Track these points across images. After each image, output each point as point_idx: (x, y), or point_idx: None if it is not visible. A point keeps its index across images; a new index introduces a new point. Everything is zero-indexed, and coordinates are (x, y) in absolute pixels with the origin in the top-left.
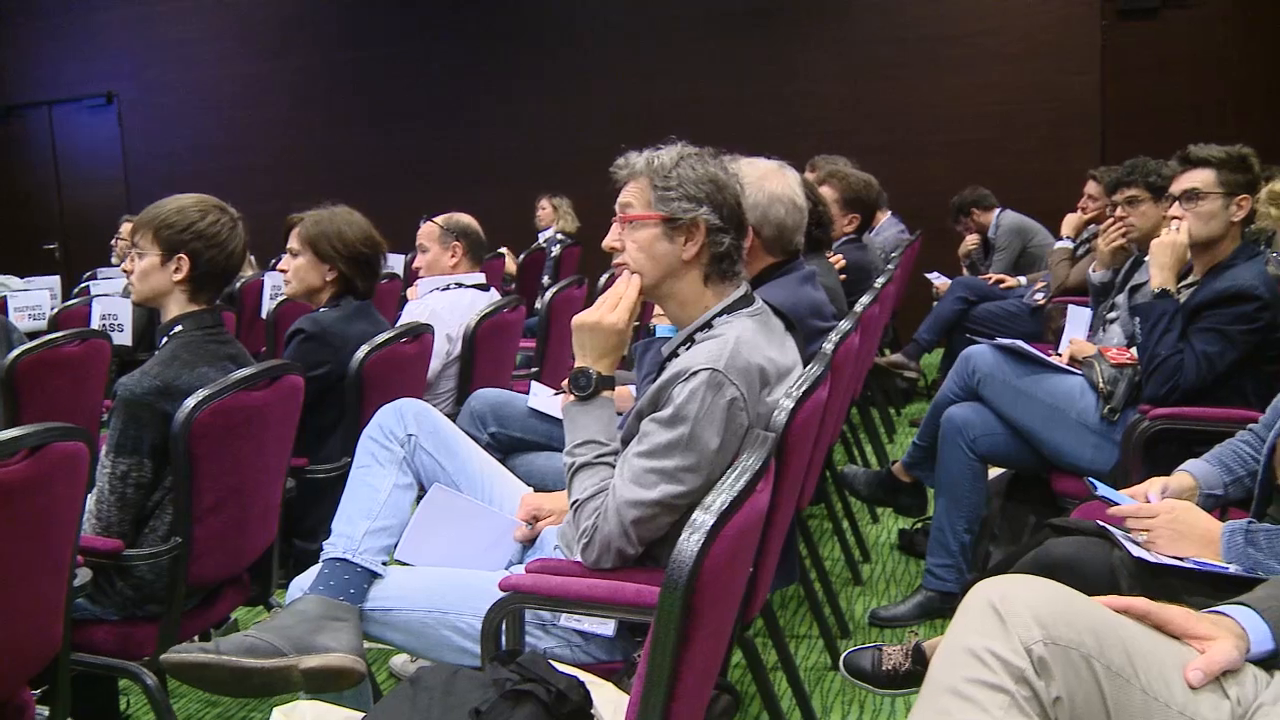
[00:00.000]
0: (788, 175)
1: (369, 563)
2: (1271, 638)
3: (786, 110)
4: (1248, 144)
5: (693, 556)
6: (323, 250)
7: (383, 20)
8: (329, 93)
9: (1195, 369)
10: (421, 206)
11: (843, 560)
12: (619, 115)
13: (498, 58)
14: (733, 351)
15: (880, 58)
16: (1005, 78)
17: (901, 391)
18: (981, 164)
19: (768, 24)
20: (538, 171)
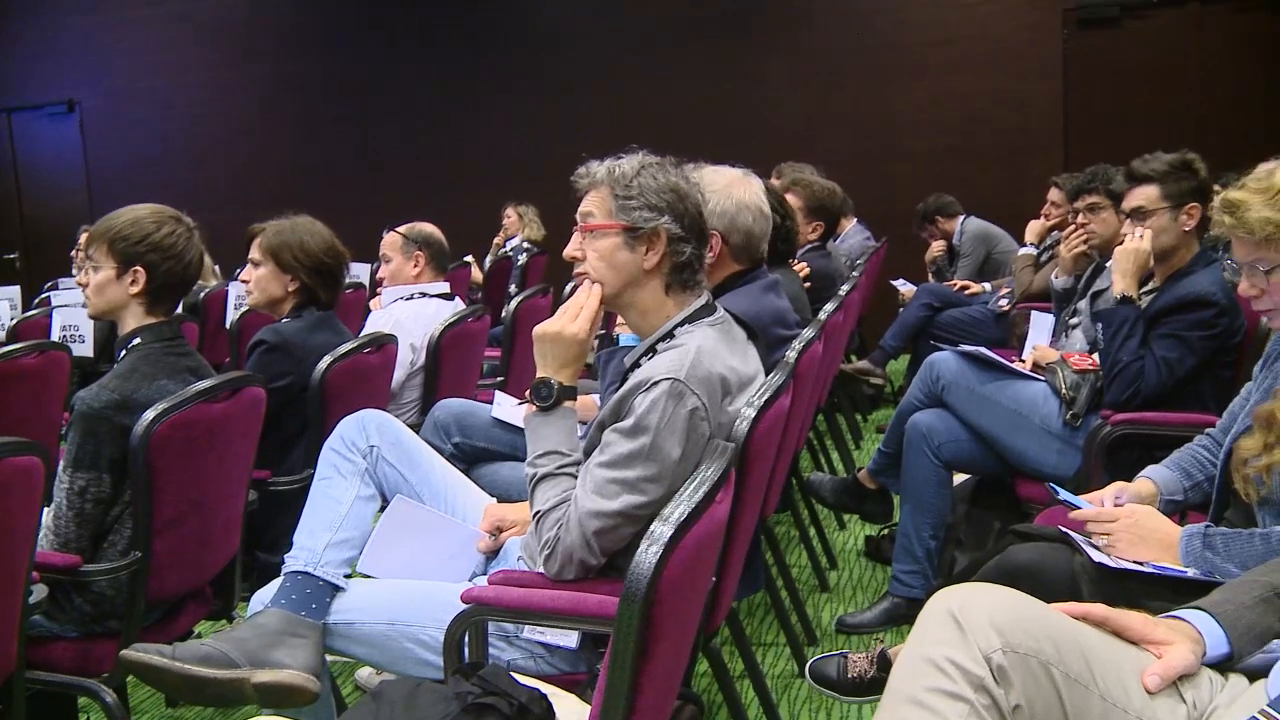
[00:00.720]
0: (753, 183)
1: (331, 576)
2: (1226, 641)
3: (753, 117)
4: (1208, 151)
5: (651, 568)
6: (285, 261)
7: (348, 27)
8: (294, 101)
9: (1156, 375)
10: (388, 215)
11: (810, 568)
12: (587, 123)
13: (465, 65)
14: (694, 361)
15: (845, 66)
16: (969, 86)
17: (868, 398)
18: (946, 171)
19: (734, 32)
20: (506, 179)
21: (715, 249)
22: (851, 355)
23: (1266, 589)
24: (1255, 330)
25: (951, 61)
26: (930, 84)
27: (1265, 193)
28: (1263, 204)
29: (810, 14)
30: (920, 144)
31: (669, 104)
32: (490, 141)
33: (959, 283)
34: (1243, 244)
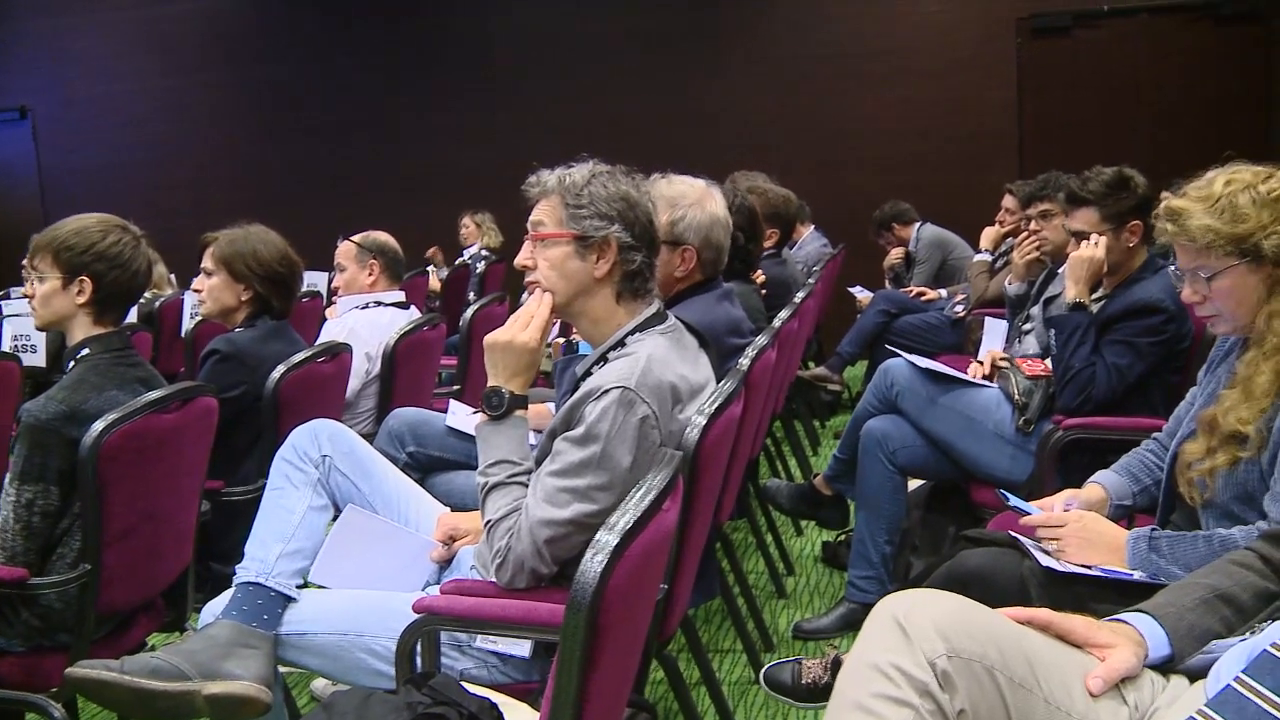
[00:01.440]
0: (718, 195)
1: (282, 586)
2: (1168, 643)
3: (710, 125)
4: (1160, 158)
5: (596, 577)
6: (237, 270)
7: (304, 35)
8: (250, 108)
9: (1106, 380)
10: (345, 223)
11: (767, 574)
12: (547, 132)
13: (423, 74)
14: (644, 369)
15: (802, 74)
16: (924, 94)
17: (826, 404)
18: (902, 178)
19: (691, 41)
20: (463, 187)
21: (689, 264)
22: (809, 362)
23: (1207, 591)
24: (1202, 335)
25: (908, 70)
26: (887, 92)
27: (1206, 200)
28: (1203, 212)
29: (768, 24)
30: (877, 151)
31: (628, 113)
32: (448, 150)
33: (915, 289)
34: (1185, 251)
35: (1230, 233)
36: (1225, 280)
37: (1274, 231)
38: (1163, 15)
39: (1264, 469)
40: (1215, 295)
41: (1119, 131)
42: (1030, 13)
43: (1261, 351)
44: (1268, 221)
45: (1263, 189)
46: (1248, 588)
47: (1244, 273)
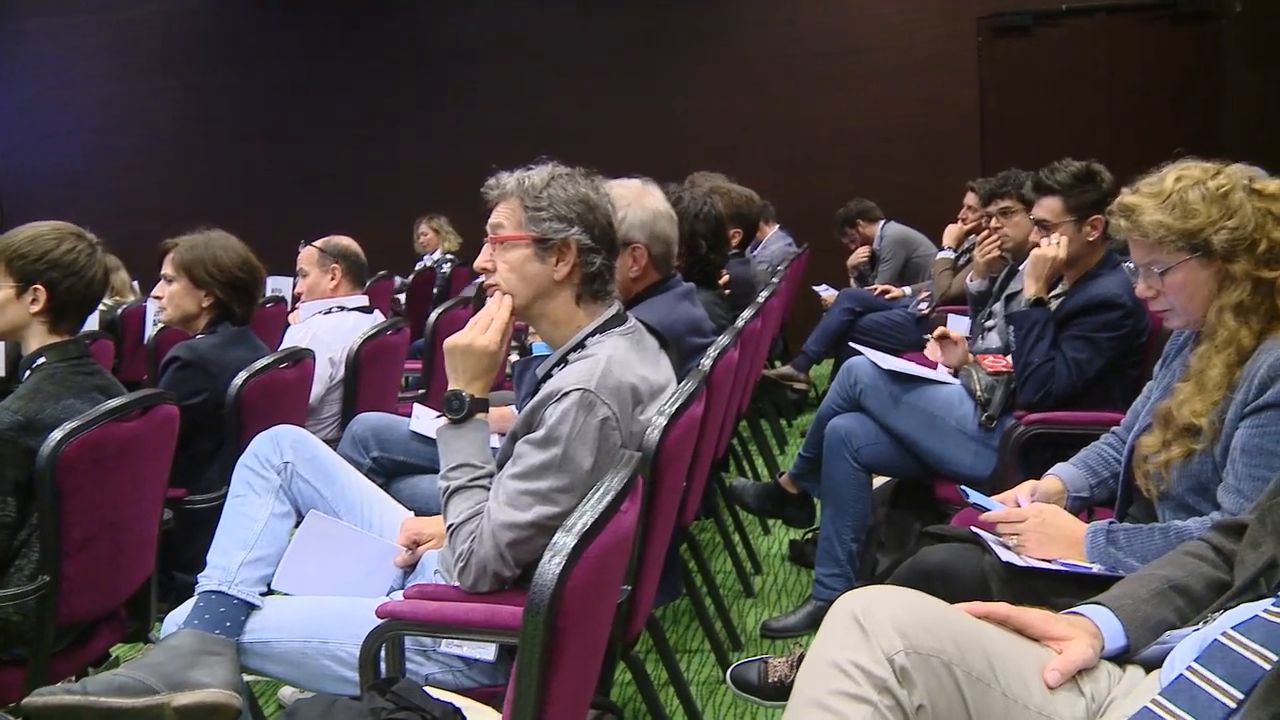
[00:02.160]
0: (655, 190)
1: (245, 594)
2: (1124, 634)
3: (673, 127)
4: (1119, 156)
5: (554, 579)
6: (198, 276)
7: (269, 39)
8: (211, 114)
9: (1066, 375)
10: (311, 228)
11: (734, 573)
12: (507, 136)
13: (385, 79)
14: (604, 371)
15: (765, 74)
16: (887, 92)
17: (792, 403)
18: (867, 177)
19: (653, 43)
20: (427, 191)
21: (641, 262)
22: (775, 361)
23: (1162, 582)
24: (1160, 330)
25: (870, 70)
26: (850, 92)
27: (1157, 197)
28: (1155, 208)
29: (730, 25)
30: (841, 151)
31: (590, 116)
32: (410, 155)
33: (880, 287)
34: (1138, 247)
35: (1181, 228)
36: (1177, 275)
37: (1223, 227)
38: (1120, 14)
39: (1217, 461)
40: (1168, 290)
41: (1079, 128)
42: (991, 12)
43: (1213, 345)
44: (1217, 217)
45: (1211, 185)
46: (1201, 578)
47: (1195, 268)
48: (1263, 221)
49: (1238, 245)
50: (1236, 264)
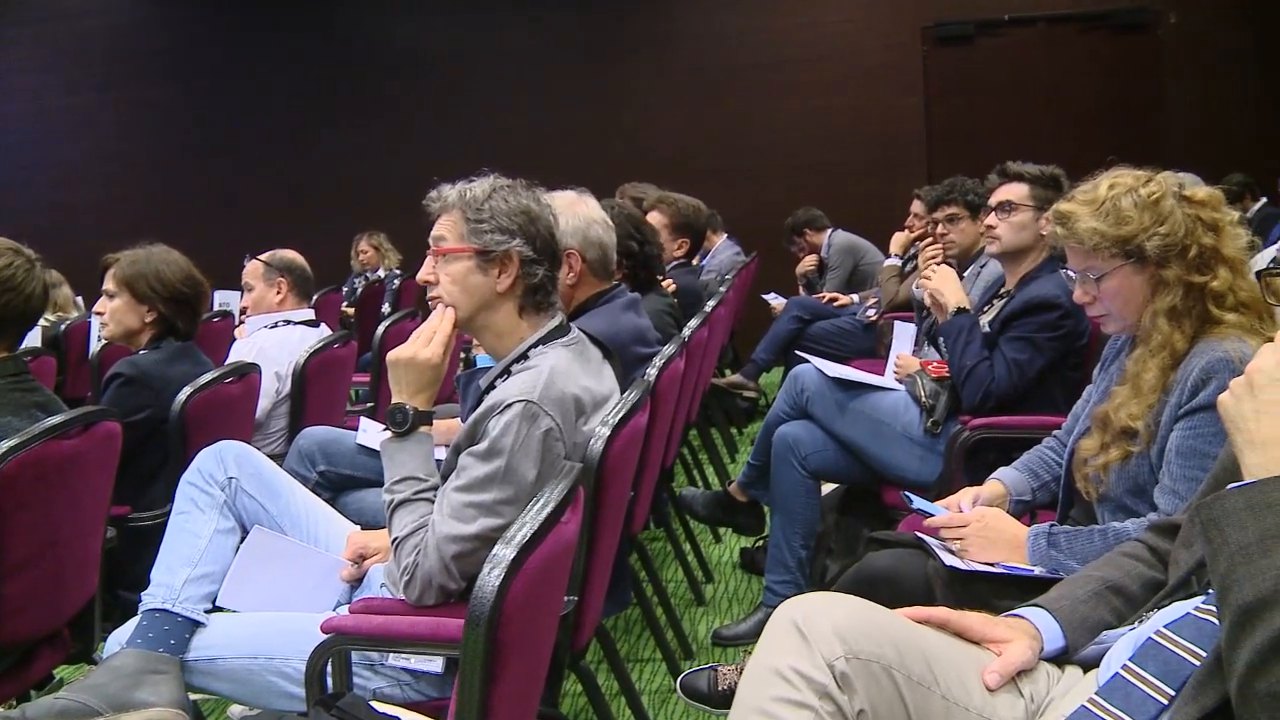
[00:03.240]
0: (590, 199)
1: (190, 612)
2: (1062, 635)
3: (623, 137)
4: (1062, 161)
5: (494, 591)
6: (140, 291)
7: (213, 52)
8: (157, 127)
9: (1007, 376)
10: (257, 242)
11: (685, 582)
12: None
13: (331, 91)
14: (547, 382)
15: (713, 84)
16: (834, 102)
17: (743, 411)
18: (814, 185)
19: (600, 54)
20: (372, 204)
21: (576, 268)
22: (725, 369)
23: (1099, 583)
24: (1099, 333)
25: (817, 79)
26: (797, 101)
27: (1092, 204)
28: (1089, 215)
29: (678, 36)
30: (788, 160)
31: (536, 128)
32: (357, 168)
33: (828, 295)
34: (1075, 253)
35: (1115, 235)
36: (1112, 281)
37: (1155, 233)
38: (1060, 24)
39: (1153, 463)
40: (1104, 295)
41: (1023, 136)
42: (934, 21)
43: (1148, 349)
44: (1149, 224)
45: (1143, 192)
46: (1137, 578)
47: (1129, 273)
48: (1193, 227)
49: (1169, 251)
50: (1169, 270)
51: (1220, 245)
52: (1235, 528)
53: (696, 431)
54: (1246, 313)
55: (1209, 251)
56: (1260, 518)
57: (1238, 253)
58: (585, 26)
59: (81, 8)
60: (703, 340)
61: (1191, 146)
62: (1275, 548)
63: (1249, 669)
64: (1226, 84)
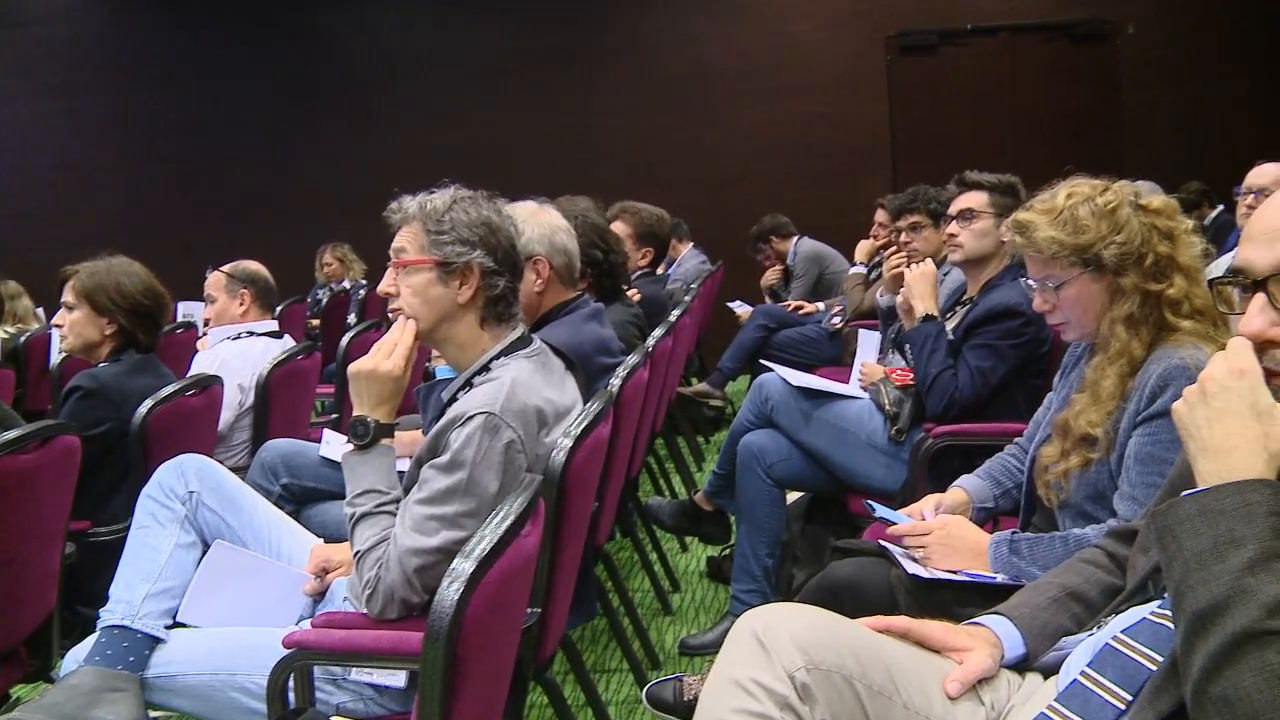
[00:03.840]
0: (552, 209)
1: (149, 628)
2: (1023, 643)
3: (589, 145)
4: (1022, 172)
5: (453, 605)
6: (100, 303)
7: (175, 61)
8: (119, 136)
9: (970, 383)
10: (220, 252)
11: (653, 592)
12: (422, 156)
13: (295, 99)
14: (508, 394)
15: (679, 92)
16: (799, 111)
17: (709, 420)
18: (780, 194)
19: (565, 61)
20: (341, 213)
21: (543, 275)
22: (691, 378)
23: (1059, 590)
24: (1060, 340)
25: (782, 88)
26: (762, 110)
27: (1050, 213)
28: (1048, 224)
29: (644, 43)
30: (753, 168)
31: (504, 135)
32: (322, 178)
33: (793, 303)
34: (1034, 262)
35: (1073, 243)
36: (1071, 289)
37: (1112, 242)
38: (1022, 34)
39: (1113, 469)
40: (1063, 304)
41: (985, 144)
42: (898, 30)
43: (1106, 356)
44: (1106, 232)
45: (1100, 201)
46: (1096, 584)
47: (1087, 281)
48: (1149, 236)
49: (1126, 259)
50: (1126, 278)
51: (1175, 253)
52: (1189, 534)
53: (663, 441)
54: (1202, 320)
55: (1164, 259)
56: (1213, 524)
57: (1193, 260)
58: (552, 35)
59: (42, 14)
60: (667, 350)
61: (1150, 154)
62: (1228, 553)
63: (1203, 674)
64: (1183, 93)
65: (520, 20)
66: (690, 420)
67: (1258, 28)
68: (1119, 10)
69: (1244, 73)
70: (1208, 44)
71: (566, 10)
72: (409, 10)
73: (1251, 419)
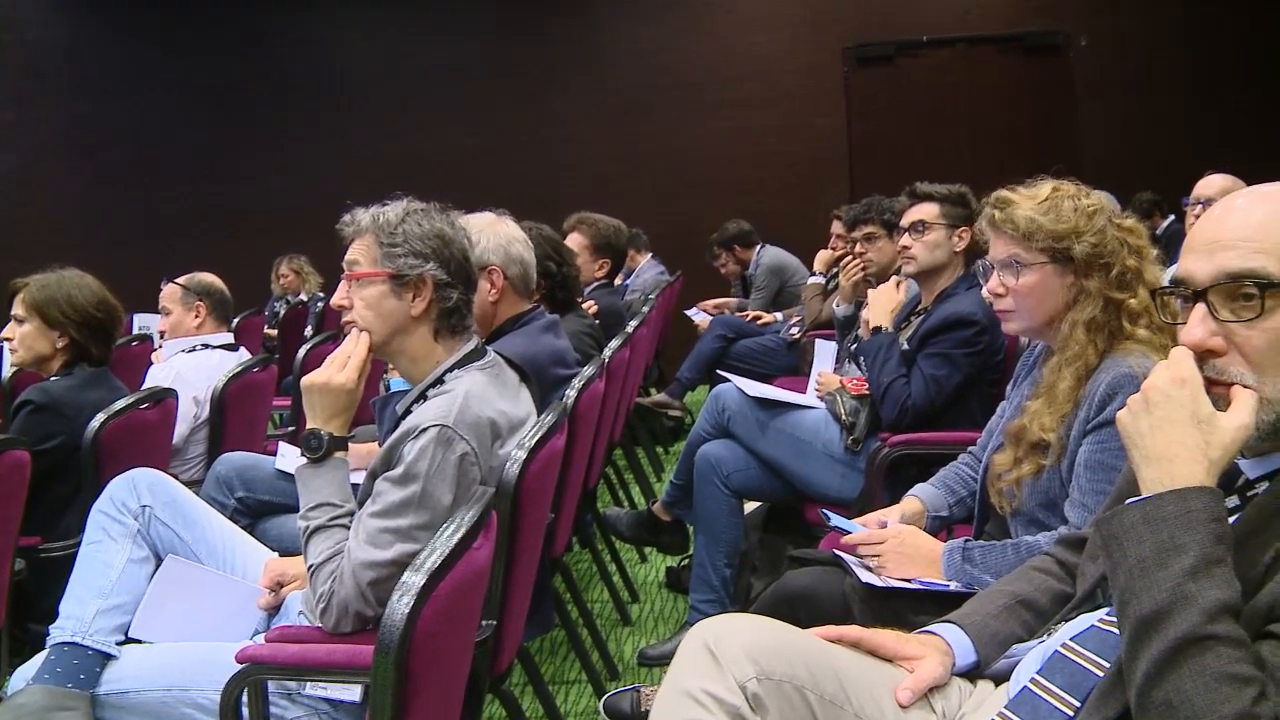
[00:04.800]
0: (508, 220)
1: (100, 644)
2: (974, 650)
3: (548, 156)
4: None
5: (403, 619)
6: (51, 316)
7: (130, 72)
8: (73, 146)
9: (925, 391)
10: (177, 264)
11: (612, 602)
12: (376, 167)
13: (249, 110)
14: (462, 406)
15: (638, 103)
16: (758, 122)
17: (668, 430)
18: (739, 204)
19: (526, 71)
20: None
21: (498, 285)
22: (650, 388)
23: (1009, 597)
24: (1016, 348)
25: (740, 99)
26: (720, 120)
27: (1033, 199)
28: (1030, 206)
29: (602, 54)
30: (712, 179)
31: (461, 146)
32: (279, 190)
33: (751, 313)
34: (1004, 239)
35: (1050, 229)
36: (1032, 276)
37: (1087, 240)
38: (977, 45)
39: (1064, 476)
40: (1018, 290)
41: (942, 154)
42: (855, 42)
43: (1064, 358)
44: (1083, 228)
45: (1084, 202)
46: (1046, 591)
47: (1051, 274)
48: (1118, 248)
49: (1094, 261)
50: (1091, 280)
51: (1143, 269)
52: (1133, 542)
53: (622, 451)
54: (1159, 334)
55: (1131, 272)
56: (1156, 531)
57: (1156, 280)
58: (508, 46)
59: None
60: (624, 361)
61: (1103, 164)
62: (1170, 560)
63: (1146, 679)
64: (1135, 104)
65: (477, 33)
66: (649, 431)
67: (1207, 43)
68: (1072, 23)
69: (1193, 86)
70: (1158, 58)
71: (521, 22)
72: (363, 23)
73: (1192, 427)
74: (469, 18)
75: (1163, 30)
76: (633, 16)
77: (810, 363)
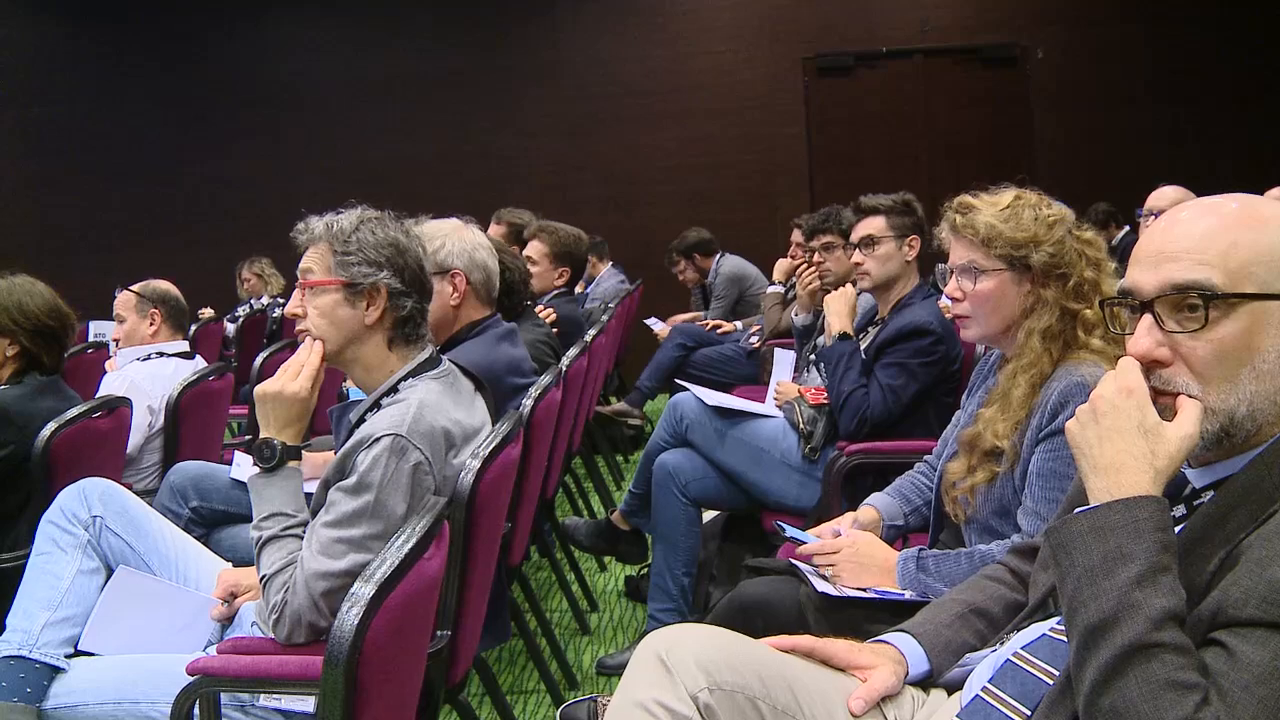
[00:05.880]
0: (473, 227)
1: (49, 657)
2: (926, 659)
3: (505, 164)
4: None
5: (352, 630)
6: (1, 324)
7: (87, 77)
8: (28, 152)
9: (882, 401)
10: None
11: (571, 612)
12: (334, 173)
13: (203, 118)
14: (415, 415)
15: (596, 111)
16: (717, 131)
17: (629, 439)
18: (699, 214)
19: (478, 81)
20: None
21: (460, 289)
22: (611, 397)
23: (962, 606)
24: (973, 357)
25: (700, 108)
26: (680, 129)
27: (995, 206)
28: (991, 213)
29: (559, 62)
30: (672, 188)
31: (417, 154)
32: (231, 197)
33: (711, 322)
34: (963, 244)
35: (1009, 236)
36: (989, 282)
37: (1045, 250)
38: (935, 57)
39: (1017, 485)
40: (975, 296)
41: (900, 164)
42: (815, 52)
43: (1020, 365)
44: (1042, 237)
45: (1045, 212)
46: (998, 600)
47: (1008, 281)
48: (1076, 259)
49: (1052, 270)
50: (1048, 290)
51: (1100, 281)
52: (1081, 551)
53: (581, 460)
54: (1114, 344)
55: (1089, 283)
56: (1104, 540)
57: (1113, 291)
58: (466, 53)
59: None
60: (582, 369)
61: (1059, 175)
62: (1117, 568)
63: (1093, 686)
64: (1090, 116)
65: (434, 40)
66: (609, 439)
67: (1160, 56)
68: (1029, 36)
69: (1148, 99)
70: (1112, 71)
71: (477, 31)
72: (315, 32)
73: (1139, 437)
74: (424, 27)
75: (1117, 43)
76: (592, 26)
77: (769, 372)
